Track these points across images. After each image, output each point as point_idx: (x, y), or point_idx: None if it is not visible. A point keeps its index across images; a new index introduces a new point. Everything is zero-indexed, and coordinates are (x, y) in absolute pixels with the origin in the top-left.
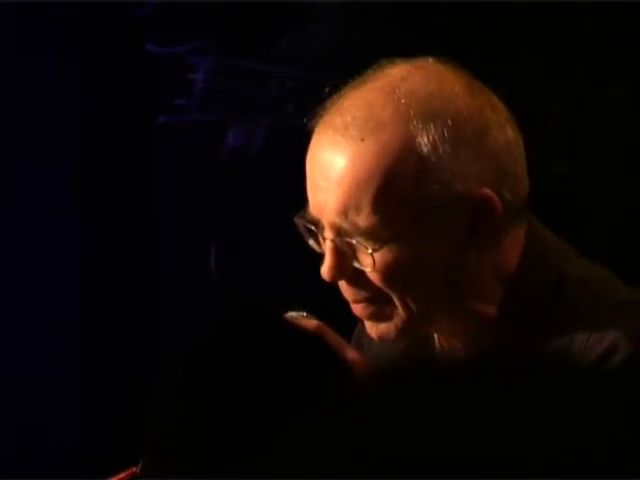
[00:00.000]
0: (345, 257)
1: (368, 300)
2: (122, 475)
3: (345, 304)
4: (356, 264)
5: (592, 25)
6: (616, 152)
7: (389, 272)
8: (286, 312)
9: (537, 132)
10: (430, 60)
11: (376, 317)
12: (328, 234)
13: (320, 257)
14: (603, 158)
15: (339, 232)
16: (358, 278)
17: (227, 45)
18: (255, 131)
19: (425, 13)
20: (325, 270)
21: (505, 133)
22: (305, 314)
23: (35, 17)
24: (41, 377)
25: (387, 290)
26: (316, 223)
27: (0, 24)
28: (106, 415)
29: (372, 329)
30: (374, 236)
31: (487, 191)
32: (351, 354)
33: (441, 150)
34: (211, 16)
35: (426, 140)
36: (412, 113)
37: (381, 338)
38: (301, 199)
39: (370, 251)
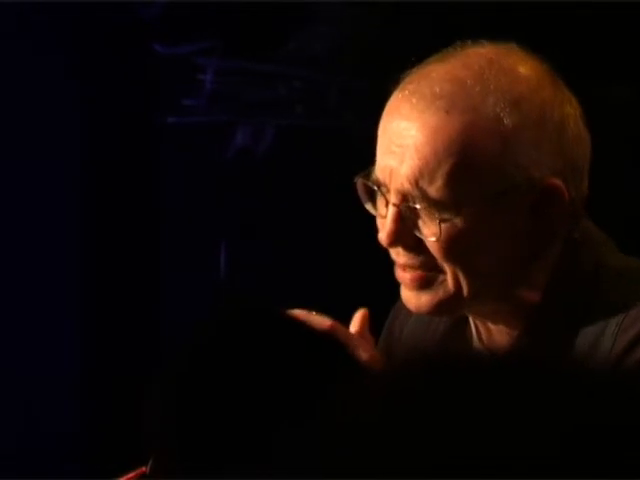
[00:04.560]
0: (406, 224)
1: (419, 267)
2: (132, 474)
3: (347, 303)
4: (417, 233)
5: (593, 25)
6: (616, 152)
7: (450, 244)
8: (290, 309)
9: None
10: (514, 45)
11: (421, 285)
12: (394, 199)
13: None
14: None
15: (406, 198)
16: (415, 246)
17: (234, 46)
18: (262, 131)
19: (430, 13)
20: (384, 235)
21: (580, 130)
22: (314, 313)
23: (43, 18)
24: (41, 377)
25: (442, 261)
26: (382, 185)
27: (8, 24)
28: (106, 415)
29: (412, 299)
30: (443, 207)
31: (558, 182)
32: (365, 353)
33: (523, 135)
34: (219, 17)
35: (510, 123)
36: (500, 94)
37: (419, 309)
38: (304, 197)
39: (438, 221)
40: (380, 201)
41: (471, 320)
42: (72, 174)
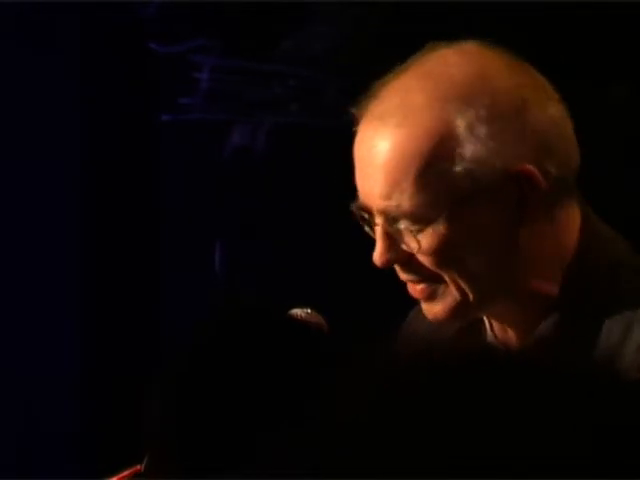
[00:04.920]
0: (395, 241)
1: (422, 281)
2: (126, 473)
3: (347, 301)
4: (404, 247)
5: (593, 25)
6: (616, 152)
7: (435, 252)
8: (290, 309)
9: None
10: (470, 42)
11: (430, 297)
12: (378, 220)
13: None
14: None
15: (387, 217)
16: (410, 261)
17: (231, 44)
18: (259, 130)
19: (427, 12)
20: (376, 255)
21: (548, 110)
22: (310, 311)
23: (39, 17)
24: (41, 377)
25: (437, 270)
26: (368, 210)
27: (2, 24)
28: (106, 415)
29: (428, 310)
30: (418, 217)
31: (528, 166)
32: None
33: (478, 131)
34: (215, 15)
35: (463, 122)
36: (447, 95)
37: (436, 318)
38: (303, 197)
39: (414, 232)
40: (371, 224)
41: (487, 325)
42: (70, 173)
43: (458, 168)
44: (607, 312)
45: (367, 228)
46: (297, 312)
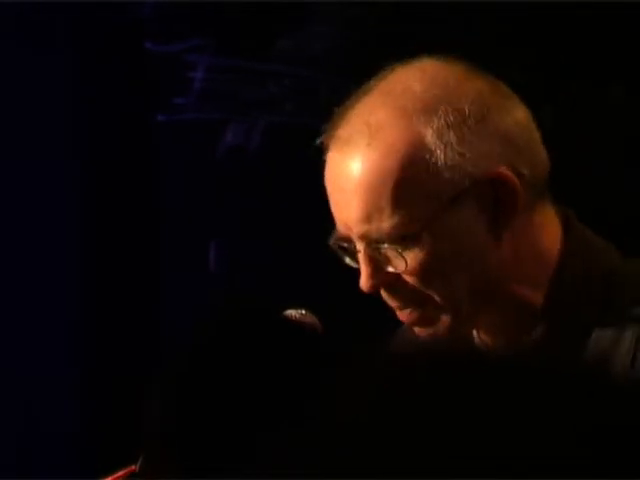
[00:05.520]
0: (380, 265)
1: (412, 305)
2: (121, 473)
3: (345, 301)
4: (390, 268)
5: (592, 25)
6: (616, 152)
7: (423, 269)
8: (285, 310)
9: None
10: (424, 58)
11: (422, 323)
12: (359, 245)
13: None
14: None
15: (369, 241)
16: (397, 284)
17: (226, 44)
18: (253, 130)
19: (424, 13)
20: (363, 281)
21: (510, 113)
22: (304, 312)
23: (33, 16)
24: (41, 377)
25: (427, 290)
26: (347, 239)
27: (1, 24)
28: (106, 415)
29: (423, 334)
30: (401, 235)
31: (501, 169)
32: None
33: (446, 138)
34: (210, 15)
35: (430, 132)
36: (411, 109)
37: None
38: (299, 197)
39: (400, 251)
40: (354, 253)
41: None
42: (67, 173)
43: (432, 177)
44: (600, 320)
45: (348, 259)
46: (291, 313)
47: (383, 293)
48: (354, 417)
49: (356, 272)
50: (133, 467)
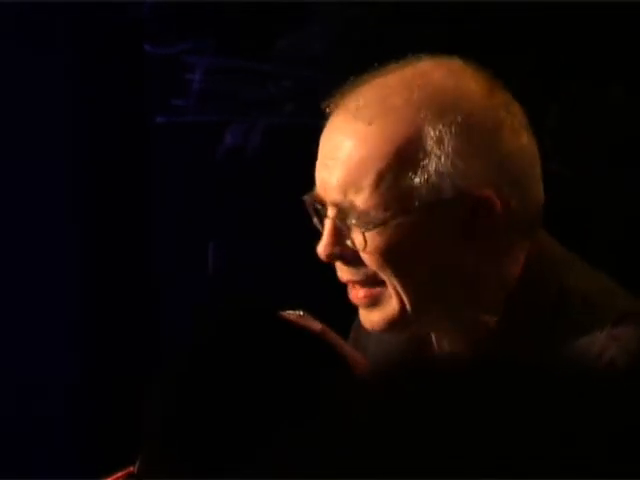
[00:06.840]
0: (342, 237)
1: (362, 283)
2: (119, 474)
3: (343, 302)
4: (350, 244)
5: (592, 25)
6: (616, 152)
7: (381, 254)
8: (283, 311)
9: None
10: (455, 58)
11: (370, 303)
12: (330, 212)
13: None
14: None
15: (339, 211)
16: (353, 260)
17: (225, 45)
18: (252, 131)
19: (424, 12)
20: (321, 247)
21: (519, 138)
22: (302, 313)
23: (33, 16)
24: (41, 377)
25: (379, 271)
26: (321, 201)
27: (1, 24)
28: (106, 415)
29: (366, 318)
30: (370, 217)
31: (488, 192)
32: (352, 354)
33: (447, 144)
34: (209, 16)
35: (433, 132)
36: (424, 104)
37: (373, 327)
38: (298, 197)
39: (362, 231)
40: (322, 217)
41: (434, 339)
42: (63, 174)
43: (419, 179)
44: (551, 339)
45: (316, 220)
46: (290, 314)
47: (337, 265)
48: (354, 417)
49: None
50: (131, 468)
